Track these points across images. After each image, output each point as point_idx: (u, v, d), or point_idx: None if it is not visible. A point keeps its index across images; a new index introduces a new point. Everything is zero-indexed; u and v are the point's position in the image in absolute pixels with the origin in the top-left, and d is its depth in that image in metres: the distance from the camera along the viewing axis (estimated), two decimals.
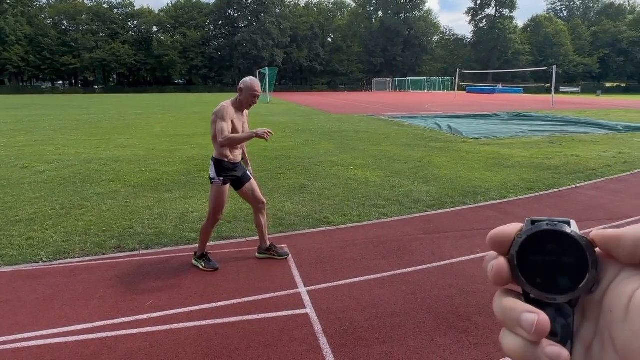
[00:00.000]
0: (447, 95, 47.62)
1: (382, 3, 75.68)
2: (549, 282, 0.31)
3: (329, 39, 77.30)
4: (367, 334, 2.82)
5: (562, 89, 59.72)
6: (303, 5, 76.89)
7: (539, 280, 0.31)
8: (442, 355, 2.61)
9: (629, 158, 8.96)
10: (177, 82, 73.13)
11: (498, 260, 0.33)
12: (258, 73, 39.40)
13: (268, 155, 9.20)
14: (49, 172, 7.64)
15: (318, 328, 2.89)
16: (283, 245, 4.22)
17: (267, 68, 36.05)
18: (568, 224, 0.32)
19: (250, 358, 2.60)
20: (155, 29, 68.95)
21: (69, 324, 2.94)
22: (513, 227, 0.34)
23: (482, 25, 76.33)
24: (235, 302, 3.25)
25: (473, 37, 78.16)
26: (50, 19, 63.41)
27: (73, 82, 69.60)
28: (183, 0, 70.06)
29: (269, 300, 3.27)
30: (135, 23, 68.00)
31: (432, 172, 7.65)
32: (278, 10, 69.22)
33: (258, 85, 3.68)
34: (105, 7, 66.14)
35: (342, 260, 3.99)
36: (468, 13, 77.88)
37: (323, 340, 2.76)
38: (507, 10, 74.88)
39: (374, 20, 76.98)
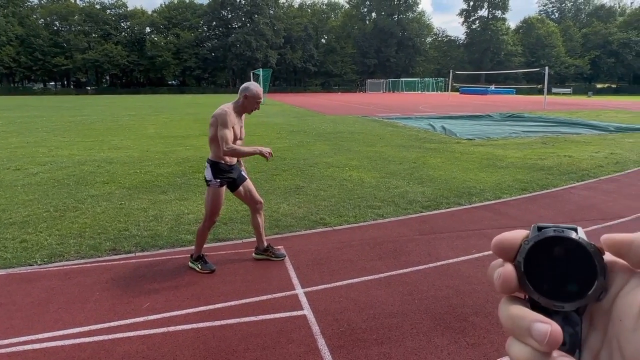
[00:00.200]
0: (440, 96, 47.84)
1: (375, 4, 75.92)
2: (557, 289, 0.31)
3: (323, 40, 77.42)
4: (365, 335, 2.83)
5: (554, 90, 60.22)
6: (297, 7, 76.96)
7: (546, 288, 0.31)
8: (439, 356, 2.63)
9: (621, 158, 9.06)
10: (170, 83, 72.82)
11: (505, 268, 0.32)
12: (252, 74, 39.33)
13: None
14: (42, 174, 7.58)
15: (316, 329, 2.90)
16: (279, 247, 4.22)
17: (261, 69, 35.98)
18: (575, 231, 0.31)
19: None
20: (149, 30, 68.65)
21: (65, 328, 2.92)
22: (518, 233, 0.33)
23: (474, 27, 76.85)
24: (233, 304, 3.24)
25: (466, 38, 78.64)
26: (42, 20, 62.90)
27: (65, 83, 69.10)
28: (176, 1, 69.85)
29: (267, 302, 3.26)
30: (128, 24, 67.65)
31: (426, 172, 7.68)
32: (272, 11, 69.22)
33: (262, 92, 3.72)
34: (98, 7, 65.77)
35: (338, 262, 3.99)
36: (461, 14, 78.40)
37: (321, 342, 2.76)
38: (499, 12, 75.48)
39: (368, 22, 77.20)
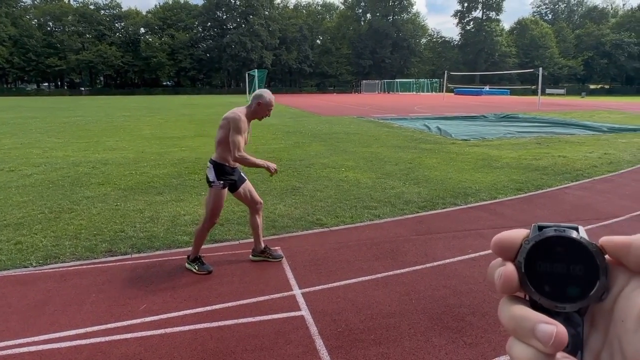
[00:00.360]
0: (435, 97, 48.01)
1: (370, 5, 76.13)
2: (558, 290, 0.30)
3: (318, 41, 77.49)
4: (362, 336, 2.83)
5: (547, 91, 60.64)
6: (292, 7, 76.99)
7: (548, 289, 0.30)
8: (437, 356, 2.64)
9: (614, 159, 9.13)
10: (165, 84, 72.57)
11: (506, 267, 0.31)
12: (247, 75, 39.30)
13: (259, 158, 9.17)
14: (37, 175, 7.53)
15: (314, 330, 2.90)
16: (277, 248, 4.22)
17: (256, 70, 35.99)
18: (576, 230, 0.31)
19: None
20: (143, 31, 68.43)
21: (61, 330, 2.90)
22: (519, 232, 0.33)
23: (469, 28, 77.28)
24: (230, 305, 3.23)
25: (460, 39, 79.03)
26: (35, 20, 62.51)
27: (59, 84, 68.67)
28: (171, 2, 69.68)
29: (264, 303, 3.26)
30: (123, 24, 67.38)
31: (422, 173, 7.70)
32: (267, 12, 69.19)
33: (274, 100, 3.73)
34: (92, 8, 65.48)
35: (336, 262, 4.00)
36: (455, 16, 78.84)
37: (319, 342, 2.76)
38: (493, 13, 75.96)
39: (363, 23, 77.37)
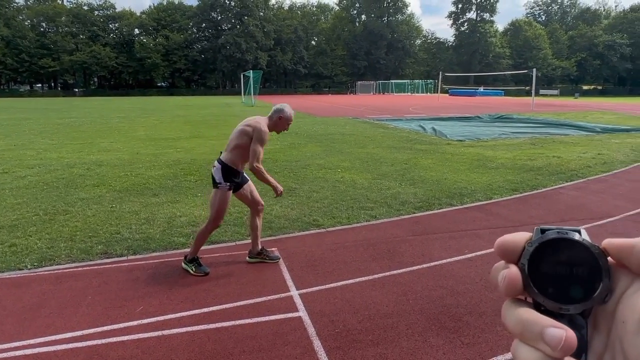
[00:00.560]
0: (430, 98, 48.18)
1: (365, 7, 76.27)
2: (562, 292, 0.30)
3: (313, 42, 77.50)
4: (360, 336, 2.83)
5: (541, 92, 61.06)
6: (286, 9, 76.95)
7: (551, 290, 0.30)
8: (435, 356, 2.64)
9: (608, 159, 9.21)
10: (159, 85, 72.23)
11: (510, 270, 0.31)
12: (242, 76, 39.24)
13: None
14: (31, 177, 7.47)
15: (312, 331, 2.89)
16: (273, 249, 4.21)
17: (251, 71, 35.94)
18: (578, 232, 0.31)
19: None
20: (137, 32, 68.07)
21: (57, 333, 2.88)
22: (522, 235, 0.33)
23: (463, 29, 77.61)
24: (227, 306, 3.22)
25: (455, 40, 79.35)
26: (29, 21, 62.00)
27: (52, 85, 68.17)
28: (165, 3, 69.40)
29: (262, 304, 3.25)
30: (117, 25, 66.97)
31: (418, 174, 7.73)
32: (262, 13, 69.10)
33: (294, 115, 3.81)
34: (86, 9, 65.05)
35: (333, 263, 4.00)
36: (450, 17, 79.17)
37: (317, 343, 2.76)
38: (487, 15, 76.34)
39: (358, 24, 77.48)
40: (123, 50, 64.74)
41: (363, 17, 77.75)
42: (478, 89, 58.47)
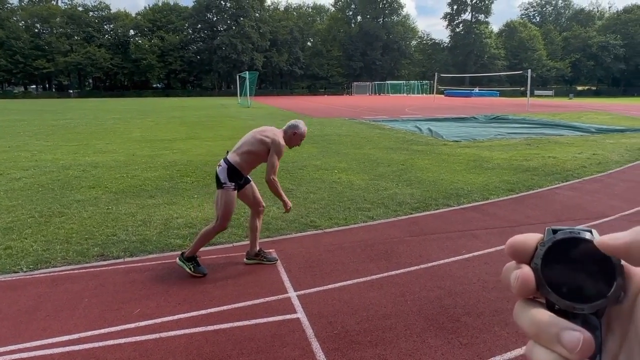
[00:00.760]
0: (425, 99, 48.30)
1: (360, 8, 76.44)
2: (575, 291, 0.30)
3: (309, 43, 77.55)
4: (359, 337, 2.83)
5: (536, 92, 61.39)
6: (282, 10, 76.99)
7: (565, 290, 0.30)
8: (433, 356, 2.64)
9: (603, 159, 9.26)
10: (155, 86, 72.03)
11: (523, 270, 0.31)
12: (238, 77, 39.18)
13: None
14: (26, 179, 7.42)
15: (310, 332, 2.89)
16: (271, 250, 4.20)
17: (247, 72, 35.89)
18: (590, 232, 0.31)
19: None
20: (133, 33, 67.86)
21: (54, 336, 2.86)
22: (533, 236, 0.33)
23: (458, 30, 77.94)
24: (225, 308, 3.21)
25: (450, 41, 79.67)
26: (23, 22, 61.64)
27: (47, 86, 67.80)
28: (161, 4, 69.27)
29: (260, 306, 3.24)
30: (112, 26, 66.74)
31: (415, 174, 7.74)
32: (257, 14, 69.08)
33: (306, 131, 3.91)
34: (80, 10, 64.83)
35: (330, 264, 3.99)
36: (445, 18, 79.46)
37: (315, 345, 2.75)
38: (482, 16, 76.72)
39: (353, 25, 77.64)
40: (118, 52, 64.51)
41: (359, 18, 77.92)
42: (473, 90, 58.76)
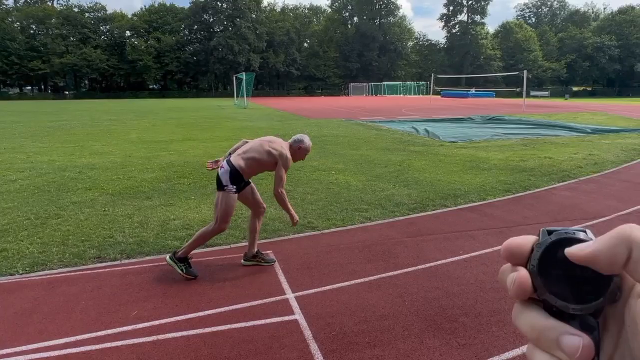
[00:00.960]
0: (422, 100, 48.39)
1: (357, 9, 76.53)
2: (572, 292, 0.30)
3: (305, 44, 77.52)
4: (357, 339, 2.83)
5: (532, 93, 61.54)
6: (279, 11, 76.96)
7: (562, 291, 0.30)
8: (431, 357, 2.65)
9: (599, 159, 9.30)
10: (151, 87, 71.81)
11: (520, 273, 0.31)
12: (235, 78, 39.14)
13: None
14: (22, 180, 7.38)
15: (308, 334, 2.88)
16: (268, 251, 4.20)
17: (243, 73, 35.88)
18: (584, 232, 0.31)
19: None
20: (129, 34, 67.62)
21: (50, 338, 2.84)
22: (528, 238, 0.33)
23: (454, 31, 78.19)
24: (223, 310, 3.20)
25: (446, 42, 79.89)
26: (18, 23, 61.35)
27: (42, 87, 67.47)
28: (157, 5, 69.05)
29: (257, 308, 3.24)
30: (108, 27, 66.48)
31: (412, 175, 7.75)
32: (254, 15, 68.99)
33: (311, 146, 3.91)
34: (76, 11, 64.54)
35: (328, 265, 3.99)
36: (441, 19, 79.72)
37: (314, 346, 2.75)
38: (478, 17, 76.99)
39: (350, 26, 77.72)
40: (114, 53, 64.27)
41: (355, 19, 78.02)
42: (469, 91, 58.89)
